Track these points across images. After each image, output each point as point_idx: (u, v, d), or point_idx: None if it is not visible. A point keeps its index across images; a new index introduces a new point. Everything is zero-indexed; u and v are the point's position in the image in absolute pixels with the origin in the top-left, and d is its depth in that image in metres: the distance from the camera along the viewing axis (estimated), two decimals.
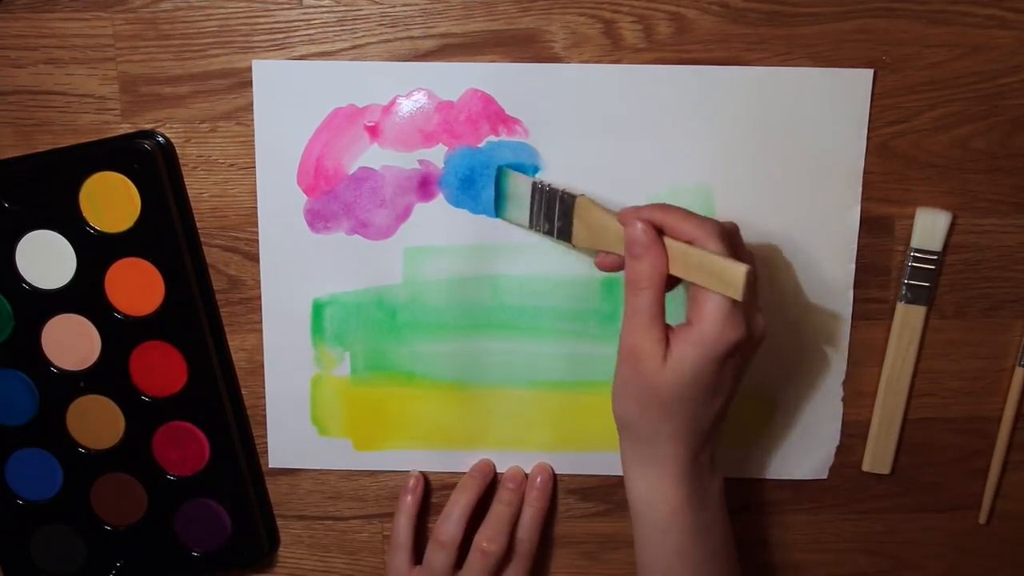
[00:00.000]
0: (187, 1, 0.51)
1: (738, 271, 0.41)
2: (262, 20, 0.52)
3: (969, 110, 0.52)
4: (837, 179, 0.52)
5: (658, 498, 0.46)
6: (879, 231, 0.53)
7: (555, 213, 0.49)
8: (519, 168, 0.52)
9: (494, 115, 0.52)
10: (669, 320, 0.45)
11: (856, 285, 0.54)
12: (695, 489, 0.46)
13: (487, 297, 0.54)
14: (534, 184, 0.50)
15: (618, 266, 0.48)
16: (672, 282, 0.45)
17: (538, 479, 0.56)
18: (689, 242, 0.43)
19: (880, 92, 0.52)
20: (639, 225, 0.44)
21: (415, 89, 0.52)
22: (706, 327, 0.42)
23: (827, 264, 0.53)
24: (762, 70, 0.51)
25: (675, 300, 0.46)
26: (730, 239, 0.44)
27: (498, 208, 0.52)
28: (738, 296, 0.41)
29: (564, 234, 0.49)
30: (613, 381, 0.46)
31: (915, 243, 0.53)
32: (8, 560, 0.58)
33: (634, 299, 0.44)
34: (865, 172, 0.52)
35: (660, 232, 0.44)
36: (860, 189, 0.52)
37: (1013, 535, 0.58)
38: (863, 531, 0.58)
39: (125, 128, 0.53)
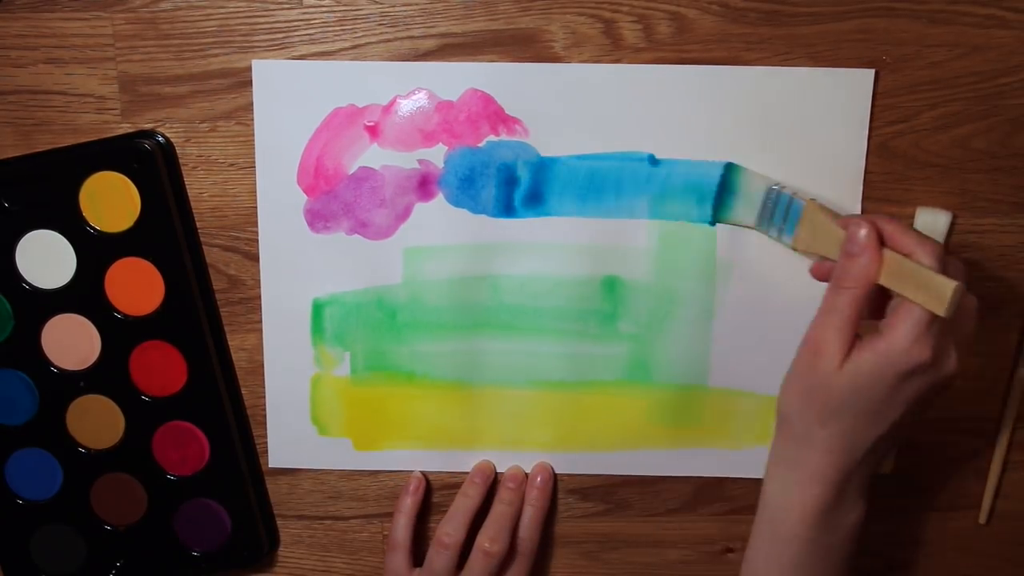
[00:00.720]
0: (187, 1, 0.51)
1: (948, 285, 0.40)
2: (262, 20, 0.51)
3: (969, 110, 0.52)
4: (837, 179, 0.52)
5: (791, 503, 0.45)
6: None
7: (783, 214, 0.50)
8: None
9: (494, 115, 0.52)
10: None
11: None
12: (832, 508, 0.44)
13: (487, 297, 0.54)
14: (769, 184, 0.50)
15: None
16: (876, 306, 0.44)
17: (538, 479, 0.56)
18: (906, 255, 0.43)
19: (880, 92, 0.52)
20: (865, 226, 0.43)
21: (415, 89, 0.52)
22: (895, 337, 0.41)
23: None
24: (762, 70, 0.51)
25: None
26: (950, 268, 0.43)
27: (719, 205, 0.52)
28: (942, 311, 0.40)
29: (787, 236, 0.50)
30: (787, 372, 0.45)
31: None
32: (8, 560, 0.58)
33: (834, 297, 0.44)
34: (865, 172, 0.52)
35: (880, 241, 0.43)
36: (861, 189, 0.52)
37: (1013, 535, 0.58)
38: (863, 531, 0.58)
39: (125, 128, 0.53)
